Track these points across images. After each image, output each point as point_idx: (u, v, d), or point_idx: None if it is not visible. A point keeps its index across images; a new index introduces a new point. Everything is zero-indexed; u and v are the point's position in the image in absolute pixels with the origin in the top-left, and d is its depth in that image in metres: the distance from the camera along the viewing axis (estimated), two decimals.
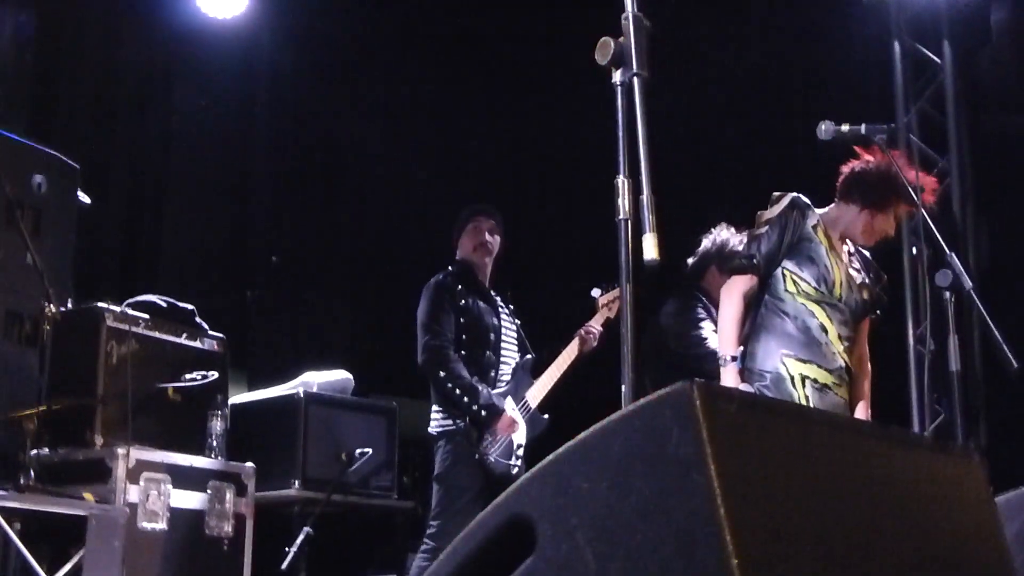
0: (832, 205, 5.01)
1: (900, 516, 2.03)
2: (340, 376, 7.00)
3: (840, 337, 4.79)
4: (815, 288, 4.76)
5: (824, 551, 1.86)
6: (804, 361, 4.72)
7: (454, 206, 6.49)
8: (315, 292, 8.38)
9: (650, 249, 2.93)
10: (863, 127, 4.98)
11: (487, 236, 6.24)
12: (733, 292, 4.82)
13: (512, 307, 6.37)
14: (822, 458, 2.00)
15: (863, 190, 4.90)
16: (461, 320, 6.05)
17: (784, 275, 4.79)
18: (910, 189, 4.76)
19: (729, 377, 4.67)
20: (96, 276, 6.24)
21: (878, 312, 5.07)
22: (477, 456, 5.83)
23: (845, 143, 5.04)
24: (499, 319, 6.20)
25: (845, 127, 5.00)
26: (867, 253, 5.10)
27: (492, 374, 6.07)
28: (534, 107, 8.26)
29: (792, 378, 4.72)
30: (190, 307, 5.86)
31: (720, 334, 4.84)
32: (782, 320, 4.76)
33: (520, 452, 5.98)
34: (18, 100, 7.06)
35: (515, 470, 5.88)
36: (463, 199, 6.55)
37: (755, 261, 4.81)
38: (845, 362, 4.82)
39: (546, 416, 6.14)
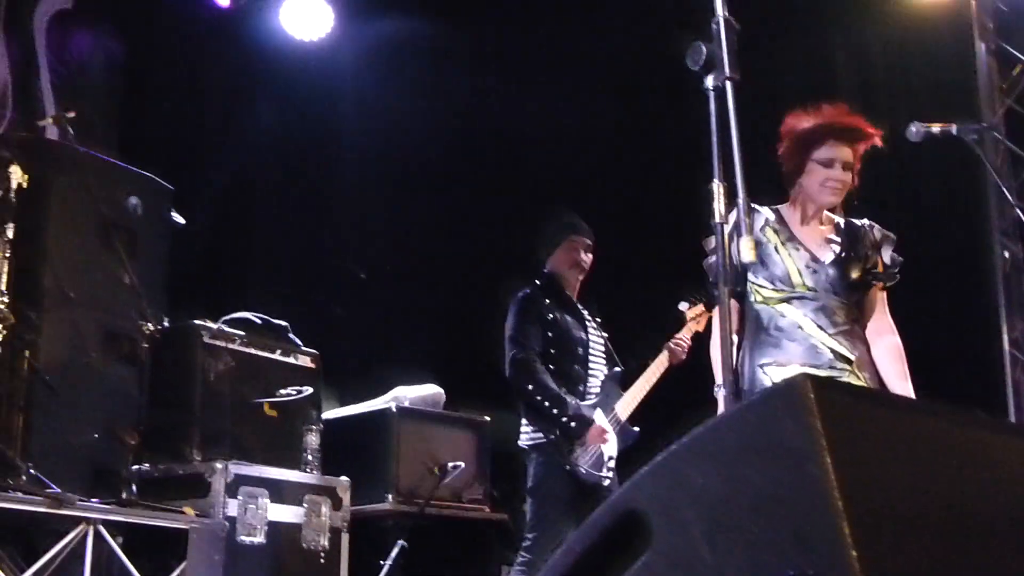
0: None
1: (1017, 507, 2.01)
2: (431, 390, 7.05)
3: (821, 327, 4.47)
4: (774, 288, 4.53)
5: (940, 541, 1.85)
6: (783, 365, 4.44)
7: (540, 217, 6.50)
8: (404, 307, 8.43)
9: (747, 252, 2.93)
10: (954, 127, 4.93)
11: (583, 255, 6.26)
12: (713, 324, 4.75)
13: (599, 320, 6.36)
14: (934, 448, 1.98)
15: (783, 159, 4.64)
16: (549, 333, 6.05)
17: (751, 288, 4.60)
18: (826, 122, 4.49)
19: (718, 407, 4.50)
20: (190, 294, 6.33)
21: (883, 280, 4.67)
22: (568, 467, 5.81)
23: (936, 144, 4.98)
24: (586, 332, 6.19)
25: (936, 128, 4.94)
26: (863, 223, 4.73)
27: (581, 387, 6.06)
28: (617, 113, 8.25)
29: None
30: (283, 323, 5.94)
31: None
32: (757, 332, 4.55)
33: (611, 464, 5.96)
34: (110, 123, 7.20)
35: (607, 482, 5.87)
36: (548, 210, 6.57)
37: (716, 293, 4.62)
38: (838, 349, 4.46)
39: (636, 428, 6.12)
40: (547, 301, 6.13)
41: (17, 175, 5.17)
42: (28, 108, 7.21)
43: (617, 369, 6.28)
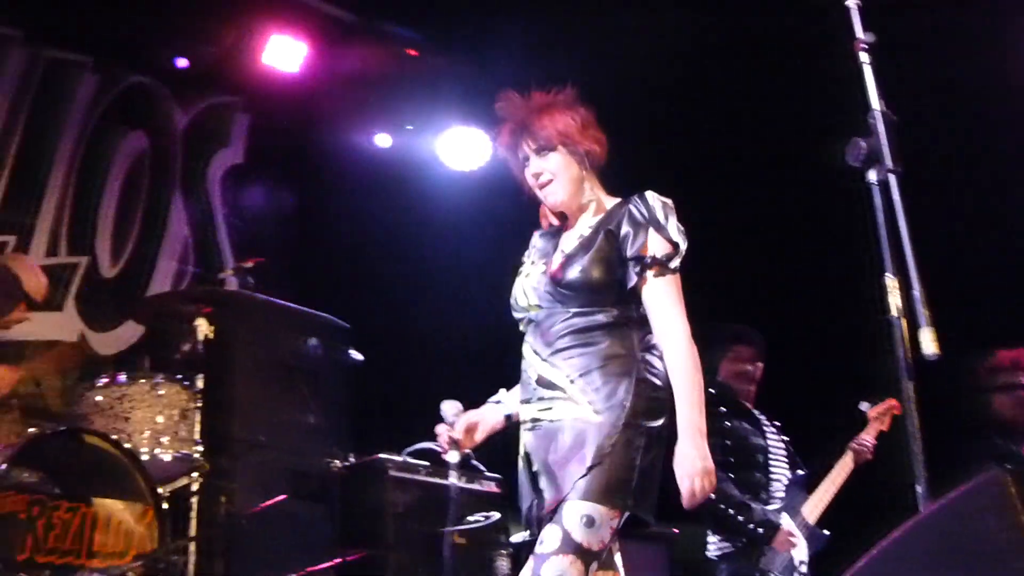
0: None
1: None
2: None
3: (536, 351, 3.69)
4: (517, 317, 3.84)
5: None
6: (522, 407, 3.74)
7: (711, 322, 6.49)
8: None
9: (929, 343, 2.89)
10: None
11: (748, 366, 6.24)
12: None
13: (778, 424, 6.29)
14: None
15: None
16: (727, 442, 6.00)
17: None
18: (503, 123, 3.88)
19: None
20: (372, 428, 6.46)
21: (651, 268, 3.64)
22: (758, 575, 5.73)
23: None
24: (765, 438, 6.13)
25: None
26: (631, 200, 3.77)
27: (764, 494, 5.98)
28: (784, 209, 8.20)
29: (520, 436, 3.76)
30: (467, 451, 6.00)
31: None
32: None
33: (803, 569, 5.84)
34: (286, 269, 7.45)
35: None
36: (719, 315, 6.55)
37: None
38: (545, 375, 3.62)
39: (826, 532, 6.00)
40: (722, 409, 6.09)
41: (203, 327, 5.40)
42: (208, 262, 7.55)
43: (801, 472, 6.18)
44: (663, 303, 3.63)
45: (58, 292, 6.70)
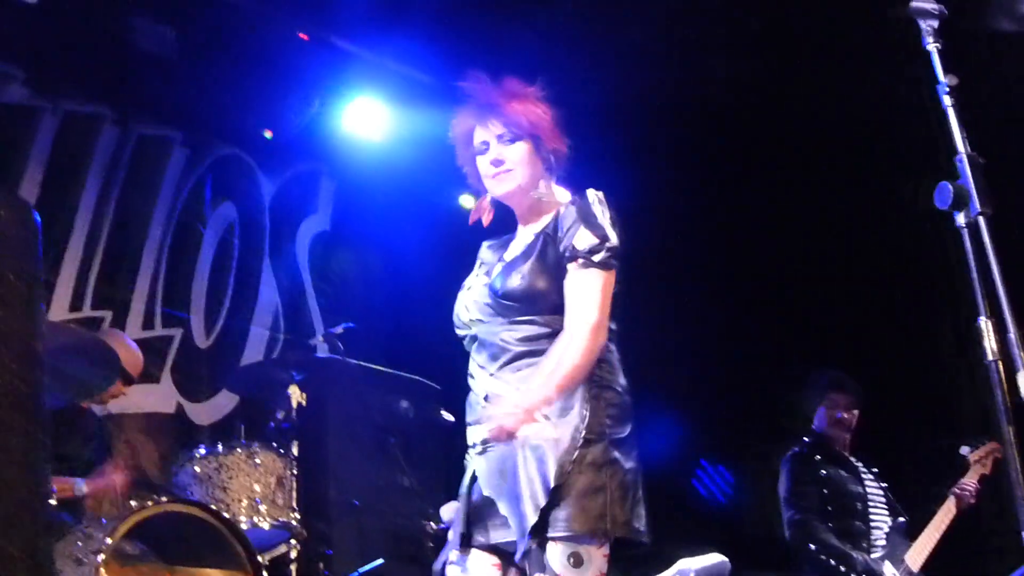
0: None
1: None
2: (716, 559, 6.93)
3: (481, 366, 3.46)
4: (460, 335, 3.60)
5: None
6: (469, 431, 3.49)
7: (802, 370, 6.45)
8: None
9: None
10: None
11: (844, 413, 6.18)
12: None
13: (876, 470, 6.22)
14: None
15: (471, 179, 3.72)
16: (824, 491, 5.97)
17: None
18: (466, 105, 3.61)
19: None
20: None
21: (577, 259, 3.38)
22: None
23: None
24: (863, 485, 6.07)
25: None
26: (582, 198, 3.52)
27: (864, 542, 5.92)
28: (877, 254, 8.12)
29: (466, 463, 3.51)
30: None
31: None
32: None
33: None
34: (375, 333, 7.51)
35: None
36: (814, 360, 6.50)
37: None
38: (494, 391, 3.39)
39: None
40: (818, 458, 6.05)
41: (296, 395, 5.47)
42: (299, 328, 7.64)
43: (901, 520, 6.10)
44: (579, 294, 3.35)
45: (154, 364, 6.82)
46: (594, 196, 3.46)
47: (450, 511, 3.73)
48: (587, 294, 3.35)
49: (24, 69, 6.49)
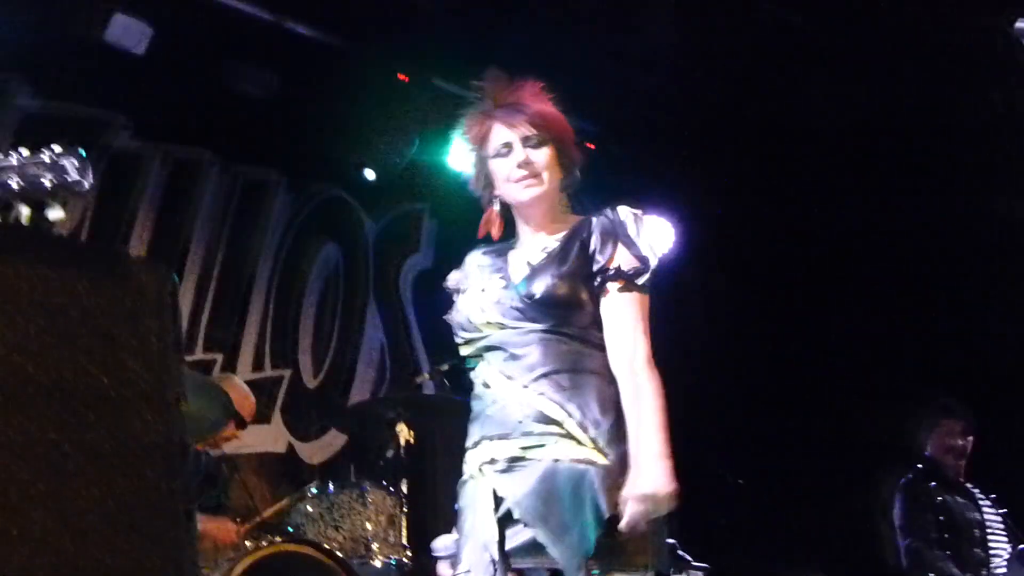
0: None
1: None
2: None
3: (509, 376, 3.20)
4: (464, 341, 3.37)
5: None
6: (477, 443, 3.24)
7: (917, 393, 6.38)
8: (785, 507, 8.29)
9: None
10: None
11: (959, 440, 6.10)
12: None
13: (993, 496, 6.12)
14: None
15: (474, 186, 3.58)
16: (941, 519, 5.89)
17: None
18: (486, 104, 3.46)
19: None
20: None
21: (617, 281, 3.25)
22: None
23: None
24: (981, 512, 5.99)
25: None
26: (601, 213, 3.37)
27: (984, 571, 5.84)
28: (982, 274, 7.99)
29: (472, 475, 3.25)
30: (671, 540, 5.97)
31: None
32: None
33: None
34: None
35: None
36: (923, 381, 6.43)
37: None
38: (536, 404, 3.14)
39: None
40: (933, 485, 5.97)
41: (404, 433, 5.52)
42: (405, 367, 7.70)
43: (1022, 546, 5.99)
44: (623, 319, 3.21)
45: (265, 405, 6.92)
46: (628, 213, 3.31)
47: (447, 542, 3.48)
48: (633, 321, 3.21)
49: (132, 117, 6.65)
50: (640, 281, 3.23)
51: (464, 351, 3.37)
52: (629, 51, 6.92)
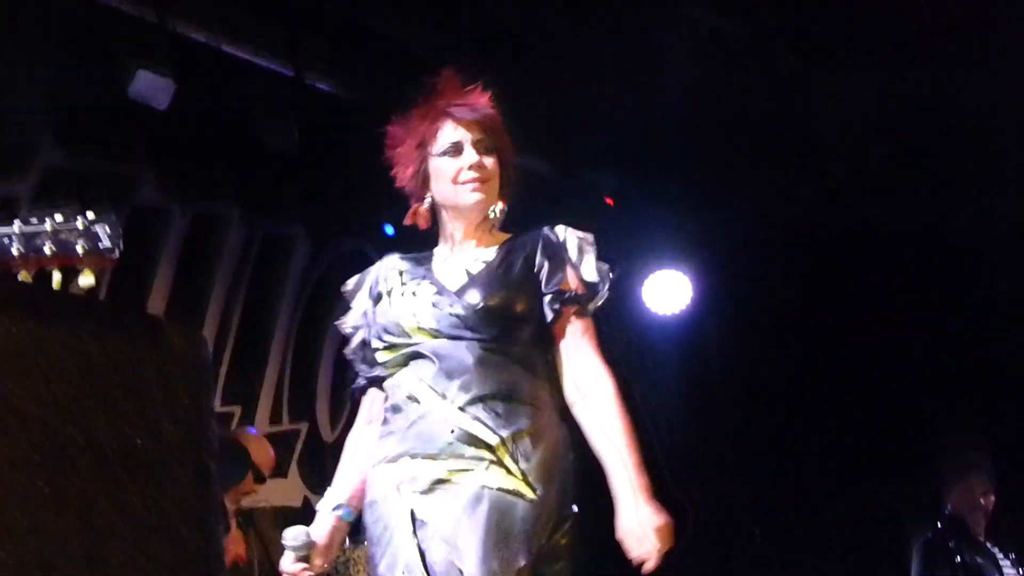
0: None
1: None
2: None
3: (439, 392, 3.05)
4: (384, 346, 3.24)
5: None
6: (395, 459, 3.07)
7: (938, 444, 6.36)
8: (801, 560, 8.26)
9: None
10: None
11: (981, 498, 6.06)
12: None
13: (1014, 555, 6.08)
14: None
15: (404, 182, 3.45)
16: None
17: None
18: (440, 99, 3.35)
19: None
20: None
21: (580, 303, 3.21)
22: None
23: None
24: (1002, 572, 5.95)
25: None
26: (544, 230, 3.34)
27: None
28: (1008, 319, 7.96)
29: (384, 496, 3.08)
30: None
31: None
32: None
33: None
34: None
35: None
36: (941, 429, 6.40)
37: None
38: (469, 428, 2.99)
39: None
40: (952, 543, 5.93)
41: None
42: None
43: None
44: (587, 347, 3.15)
45: (282, 458, 6.91)
46: (572, 235, 3.28)
47: (299, 535, 3.23)
48: (595, 348, 3.17)
49: (153, 171, 6.70)
50: (591, 306, 3.21)
51: (382, 357, 3.23)
52: (648, 103, 6.96)
